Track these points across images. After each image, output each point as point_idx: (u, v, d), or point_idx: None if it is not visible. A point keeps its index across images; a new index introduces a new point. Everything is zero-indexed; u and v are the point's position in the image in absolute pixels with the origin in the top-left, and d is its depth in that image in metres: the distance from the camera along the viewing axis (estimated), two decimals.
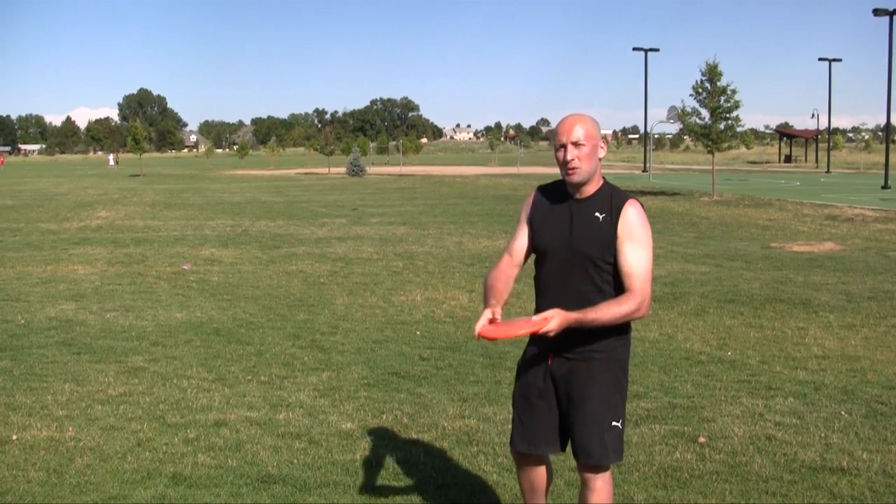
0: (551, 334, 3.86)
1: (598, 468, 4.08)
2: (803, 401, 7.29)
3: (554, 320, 3.82)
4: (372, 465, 5.89)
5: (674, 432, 6.50)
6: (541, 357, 4.19)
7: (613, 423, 4.07)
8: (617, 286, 4.02)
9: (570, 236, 4.05)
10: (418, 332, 10.04)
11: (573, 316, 3.86)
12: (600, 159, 4.07)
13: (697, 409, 7.05)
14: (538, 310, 4.05)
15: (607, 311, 3.90)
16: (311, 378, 8.10)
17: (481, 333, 3.88)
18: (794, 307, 11.35)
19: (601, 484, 4.09)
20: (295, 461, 5.96)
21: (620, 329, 4.07)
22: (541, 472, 4.39)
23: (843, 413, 6.94)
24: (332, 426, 6.71)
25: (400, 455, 6.07)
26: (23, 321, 10.70)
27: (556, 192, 4.18)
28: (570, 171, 4.01)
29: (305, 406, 7.23)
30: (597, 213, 4.01)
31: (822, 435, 6.41)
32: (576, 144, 3.98)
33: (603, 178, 4.13)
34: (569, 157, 3.99)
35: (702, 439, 6.32)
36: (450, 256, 16.87)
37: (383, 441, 6.37)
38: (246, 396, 7.52)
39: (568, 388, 4.11)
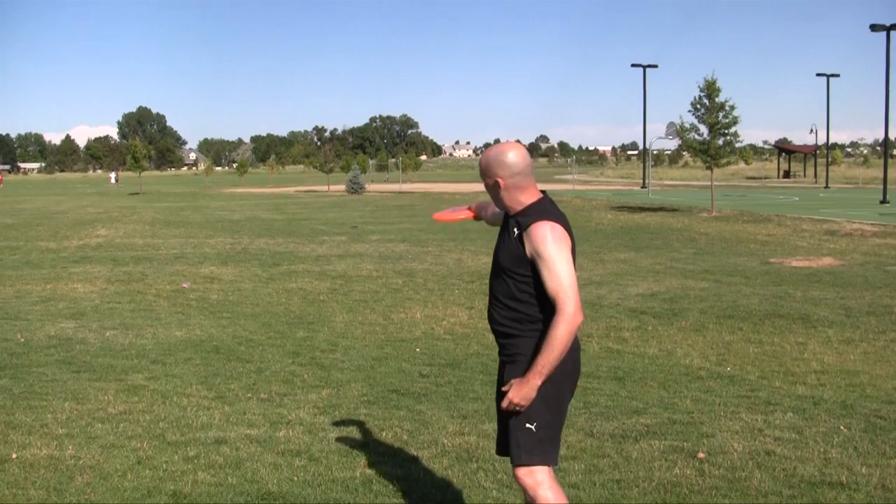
0: (515, 402, 4.08)
1: (515, 467, 4.19)
2: (802, 416, 7.30)
3: (512, 390, 4.10)
4: (372, 482, 5.89)
5: (673, 448, 6.51)
6: (501, 368, 4.39)
7: (527, 425, 4.13)
8: (537, 294, 4.11)
9: (496, 250, 4.34)
10: (418, 350, 10.04)
11: (528, 377, 4.05)
12: (504, 191, 4.22)
13: (697, 425, 7.06)
14: (488, 313, 4.39)
15: (550, 348, 3.98)
16: (310, 395, 8.11)
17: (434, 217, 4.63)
18: (793, 322, 11.37)
19: (529, 482, 4.15)
20: (295, 478, 5.96)
21: (542, 333, 4.10)
22: None
23: (842, 428, 6.95)
24: (332, 443, 6.71)
25: (400, 472, 6.08)
26: (22, 339, 10.71)
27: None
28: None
29: (305, 423, 7.24)
30: (514, 229, 4.18)
31: (822, 450, 6.42)
32: (484, 183, 4.32)
33: (542, 192, 4.27)
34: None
35: (701, 455, 6.33)
36: (449, 274, 16.88)
37: (383, 458, 6.38)
38: (246, 414, 7.53)
39: (499, 389, 4.30)
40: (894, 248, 20.94)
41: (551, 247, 4.04)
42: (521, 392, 4.04)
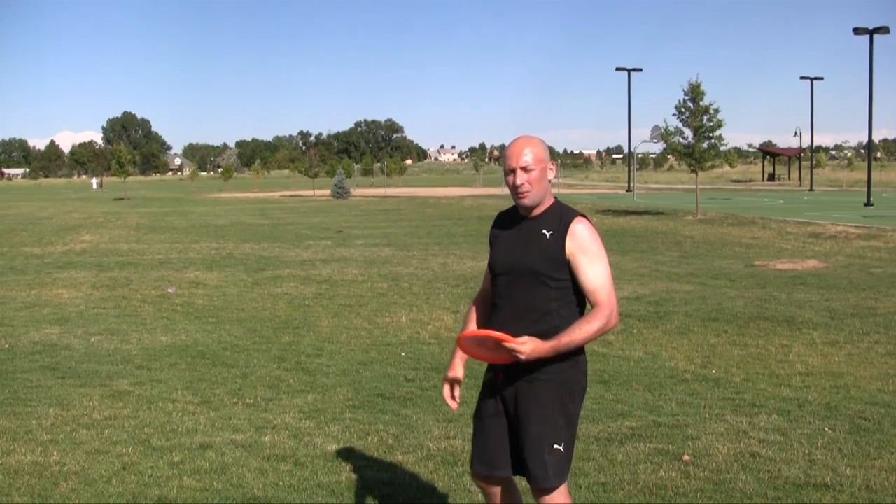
0: (522, 358, 3.88)
1: (542, 491, 4.08)
2: (787, 418, 7.33)
3: (527, 345, 3.87)
4: (357, 486, 5.89)
5: (658, 450, 6.52)
6: (493, 377, 4.24)
7: (555, 446, 4.06)
8: (567, 303, 4.05)
9: (518, 255, 4.11)
10: (403, 354, 10.04)
11: (548, 345, 3.89)
12: (550, 181, 4.13)
13: (682, 428, 7.08)
14: (492, 328, 4.10)
15: (580, 332, 3.92)
16: (296, 400, 8.10)
17: (463, 335, 4.06)
18: (777, 325, 11.41)
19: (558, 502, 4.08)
20: (280, 483, 5.96)
21: (569, 351, 4.02)
22: (503, 495, 4.34)
23: (826, 429, 6.98)
24: (318, 448, 6.70)
25: (385, 476, 6.08)
26: (6, 346, 10.66)
27: (512, 214, 4.24)
28: (521, 196, 4.06)
29: (291, 428, 7.22)
30: (544, 231, 4.05)
31: (806, 451, 6.44)
32: (525, 169, 4.03)
33: (554, 196, 4.18)
34: (518, 182, 4.04)
35: (686, 457, 6.34)
36: (435, 278, 16.88)
37: (369, 462, 6.38)
38: (231, 419, 7.51)
39: (515, 409, 4.13)
40: (878, 250, 21.05)
41: (597, 243, 4.01)
42: (531, 348, 3.85)
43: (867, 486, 5.75)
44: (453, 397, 4.35)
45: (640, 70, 70.36)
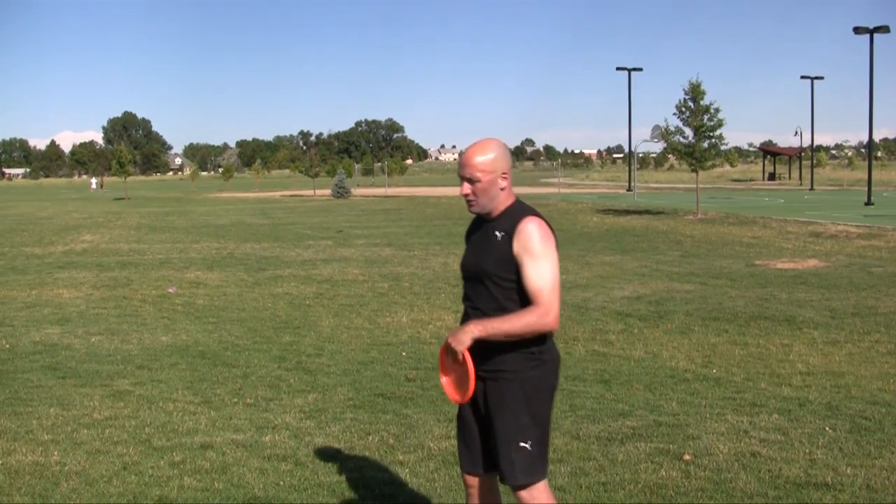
0: (460, 347, 3.93)
1: (516, 488, 4.12)
2: (788, 417, 7.33)
3: (457, 333, 3.95)
4: (358, 486, 5.89)
5: (659, 450, 6.52)
6: None
7: (521, 444, 4.08)
8: (524, 304, 4.04)
9: (477, 257, 4.17)
10: (404, 353, 10.04)
11: (474, 326, 3.95)
12: (503, 189, 4.12)
13: (682, 427, 7.07)
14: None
15: (509, 321, 3.94)
16: (297, 400, 8.10)
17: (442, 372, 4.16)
18: (778, 324, 11.41)
19: (530, 501, 4.11)
20: (281, 483, 5.96)
21: (531, 351, 4.05)
22: (485, 495, 4.36)
23: (827, 429, 6.98)
24: (318, 448, 6.70)
25: (386, 476, 6.08)
26: (7, 346, 10.66)
27: (481, 217, 4.26)
28: (468, 205, 4.16)
29: (291, 428, 7.22)
30: (496, 232, 4.08)
31: (807, 451, 6.44)
32: (471, 180, 4.08)
33: (515, 197, 4.19)
34: (464, 192, 4.13)
35: (687, 457, 6.34)
36: (435, 277, 16.89)
37: (369, 462, 6.37)
38: (232, 419, 7.51)
39: (485, 407, 4.18)
40: (879, 249, 21.04)
41: (540, 243, 3.99)
42: (459, 335, 3.94)
43: (868, 485, 5.75)
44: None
45: (641, 69, 70.26)
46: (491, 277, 4.06)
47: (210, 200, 62.32)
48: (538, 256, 3.98)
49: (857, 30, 44.17)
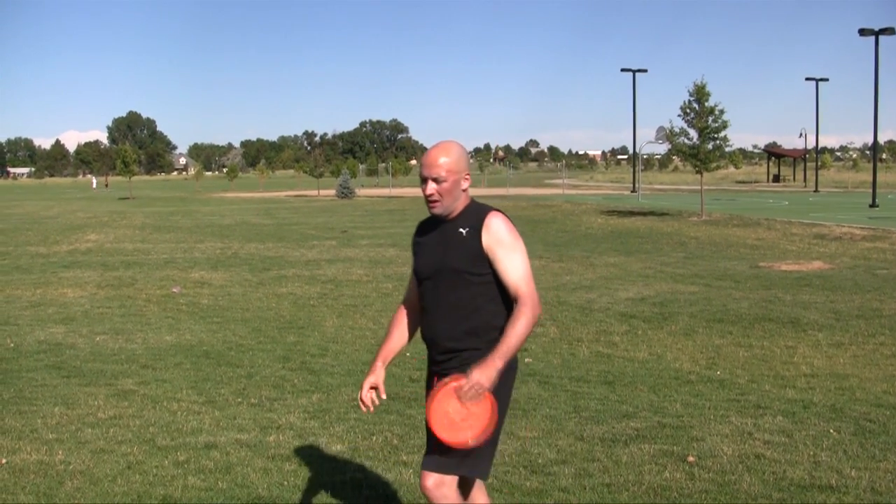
0: (483, 383, 3.87)
1: (431, 473, 4.09)
2: (792, 419, 7.32)
3: (475, 374, 3.88)
4: (362, 486, 5.89)
5: (663, 452, 6.52)
6: (430, 379, 4.28)
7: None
8: (492, 297, 4.09)
9: (440, 256, 4.19)
10: (408, 354, 10.03)
11: (492, 362, 3.89)
12: (465, 190, 4.18)
13: (687, 429, 7.07)
14: (423, 333, 4.32)
15: (514, 337, 3.94)
16: (300, 400, 8.10)
17: (429, 412, 4.03)
18: (782, 326, 11.40)
19: (437, 494, 4.06)
20: (285, 483, 5.96)
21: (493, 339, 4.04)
22: (465, 493, 4.33)
23: (831, 431, 6.97)
24: (322, 448, 6.71)
25: (390, 476, 6.08)
26: (12, 345, 10.68)
27: (432, 221, 4.32)
28: (431, 205, 4.18)
29: (295, 428, 7.23)
30: (460, 229, 4.13)
31: (811, 453, 6.44)
32: (436, 180, 4.11)
33: (469, 197, 4.24)
34: (428, 192, 4.15)
35: (691, 458, 6.34)
36: None
37: (373, 463, 6.38)
38: (236, 419, 7.52)
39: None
40: (883, 251, 21.01)
41: (510, 235, 4.07)
42: (487, 373, 3.87)
43: (872, 487, 5.75)
44: (372, 400, 4.40)
45: (645, 71, 70.12)
46: (461, 274, 4.10)
47: (214, 200, 62.38)
48: (511, 248, 4.05)
49: (863, 31, 44.08)
